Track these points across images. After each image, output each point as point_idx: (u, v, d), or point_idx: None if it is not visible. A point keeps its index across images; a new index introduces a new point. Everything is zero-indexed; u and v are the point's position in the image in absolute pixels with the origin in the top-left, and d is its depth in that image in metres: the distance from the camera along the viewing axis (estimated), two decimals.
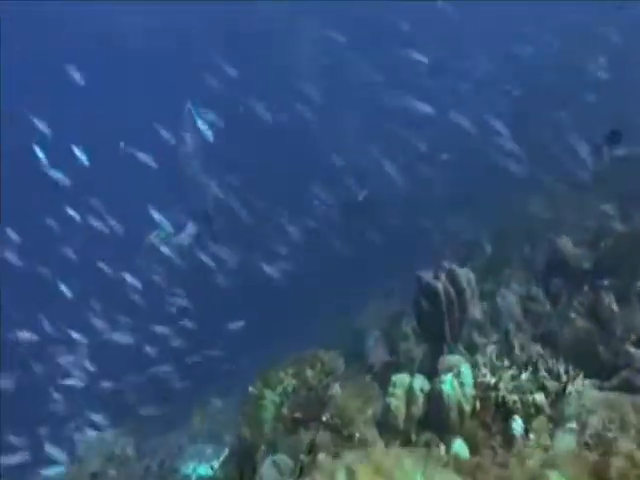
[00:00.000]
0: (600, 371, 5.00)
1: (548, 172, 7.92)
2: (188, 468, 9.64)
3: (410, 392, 3.54)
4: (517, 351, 5.80)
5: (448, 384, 3.33)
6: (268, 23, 18.60)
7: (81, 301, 10.60)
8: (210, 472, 8.77)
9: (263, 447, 5.29)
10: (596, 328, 5.13)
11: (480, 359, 3.43)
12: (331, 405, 5.03)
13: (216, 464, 8.15)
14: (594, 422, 3.02)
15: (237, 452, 5.68)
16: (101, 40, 19.47)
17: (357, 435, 4.69)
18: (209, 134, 8.28)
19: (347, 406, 4.96)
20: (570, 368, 3.35)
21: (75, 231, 10.11)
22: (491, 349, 3.55)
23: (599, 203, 7.21)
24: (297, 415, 5.14)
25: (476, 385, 3.35)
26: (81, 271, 10.90)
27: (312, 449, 3.69)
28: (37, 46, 18.98)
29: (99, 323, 10.01)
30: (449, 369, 3.54)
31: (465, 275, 6.07)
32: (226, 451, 7.58)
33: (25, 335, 9.73)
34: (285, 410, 5.34)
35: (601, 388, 4.61)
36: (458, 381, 3.34)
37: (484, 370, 3.36)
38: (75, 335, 9.47)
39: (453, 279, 6.01)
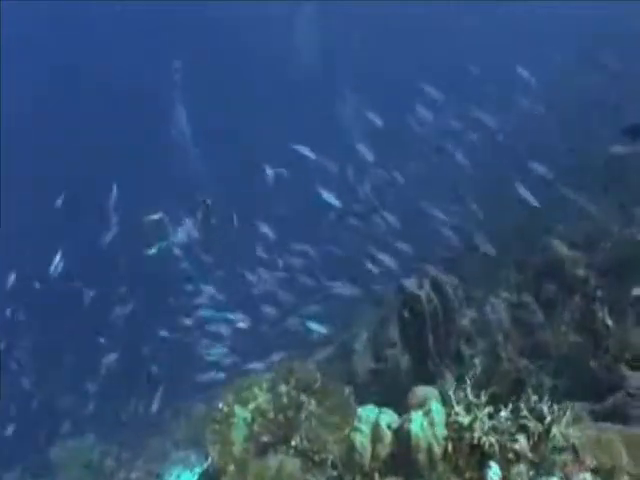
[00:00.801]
0: (592, 387, 4.65)
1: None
2: (170, 475, 9.35)
3: (377, 428, 3.16)
4: (504, 364, 5.44)
5: (417, 423, 2.95)
6: None
7: None
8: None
9: (232, 469, 4.97)
10: (589, 343, 4.75)
11: (453, 394, 3.02)
12: (302, 428, 4.69)
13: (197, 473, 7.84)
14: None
15: (205, 474, 5.35)
16: None
17: (330, 460, 4.35)
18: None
19: (320, 429, 4.61)
20: (555, 406, 2.96)
21: None
22: (468, 379, 3.13)
23: (595, 205, 6.80)
24: (265, 438, 4.80)
25: (448, 425, 2.97)
26: None
27: None
28: None
29: None
30: (419, 405, 3.16)
31: (451, 283, 5.69)
32: (209, 461, 7.23)
33: None
34: (256, 430, 4.99)
35: (592, 412, 4.26)
36: (428, 420, 2.96)
37: (457, 408, 2.97)
38: None
39: (438, 287, 5.63)
